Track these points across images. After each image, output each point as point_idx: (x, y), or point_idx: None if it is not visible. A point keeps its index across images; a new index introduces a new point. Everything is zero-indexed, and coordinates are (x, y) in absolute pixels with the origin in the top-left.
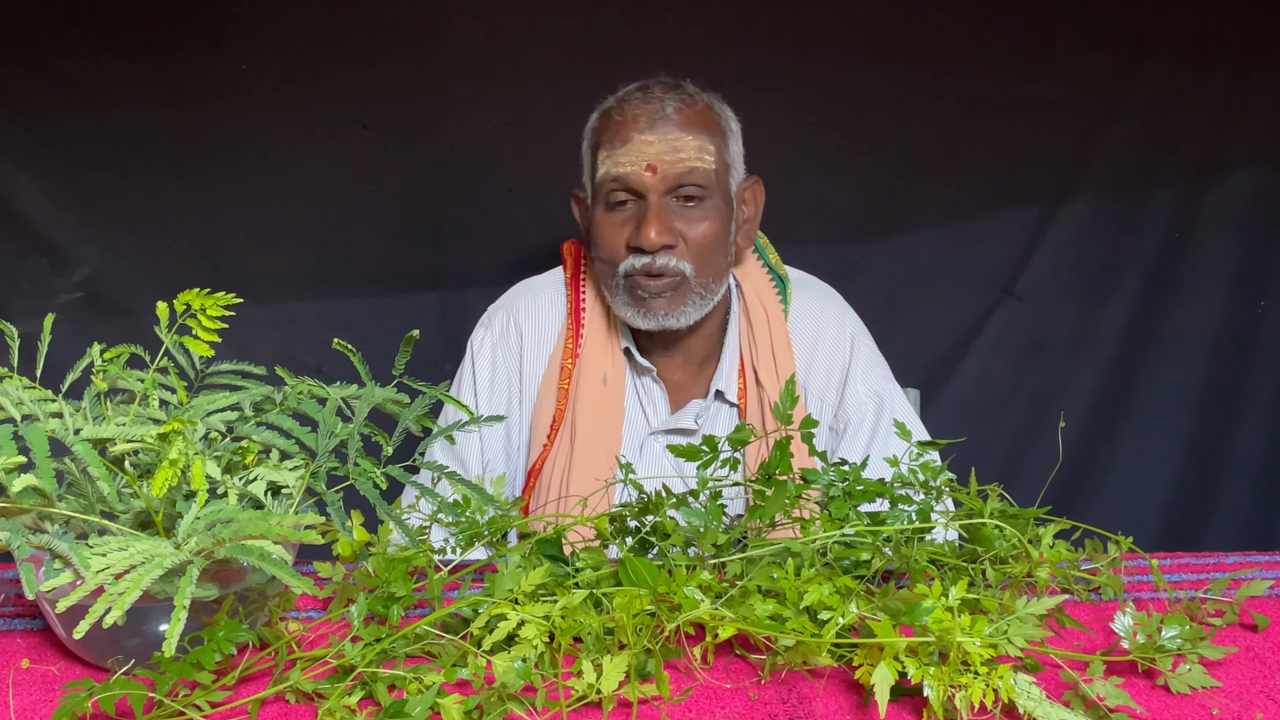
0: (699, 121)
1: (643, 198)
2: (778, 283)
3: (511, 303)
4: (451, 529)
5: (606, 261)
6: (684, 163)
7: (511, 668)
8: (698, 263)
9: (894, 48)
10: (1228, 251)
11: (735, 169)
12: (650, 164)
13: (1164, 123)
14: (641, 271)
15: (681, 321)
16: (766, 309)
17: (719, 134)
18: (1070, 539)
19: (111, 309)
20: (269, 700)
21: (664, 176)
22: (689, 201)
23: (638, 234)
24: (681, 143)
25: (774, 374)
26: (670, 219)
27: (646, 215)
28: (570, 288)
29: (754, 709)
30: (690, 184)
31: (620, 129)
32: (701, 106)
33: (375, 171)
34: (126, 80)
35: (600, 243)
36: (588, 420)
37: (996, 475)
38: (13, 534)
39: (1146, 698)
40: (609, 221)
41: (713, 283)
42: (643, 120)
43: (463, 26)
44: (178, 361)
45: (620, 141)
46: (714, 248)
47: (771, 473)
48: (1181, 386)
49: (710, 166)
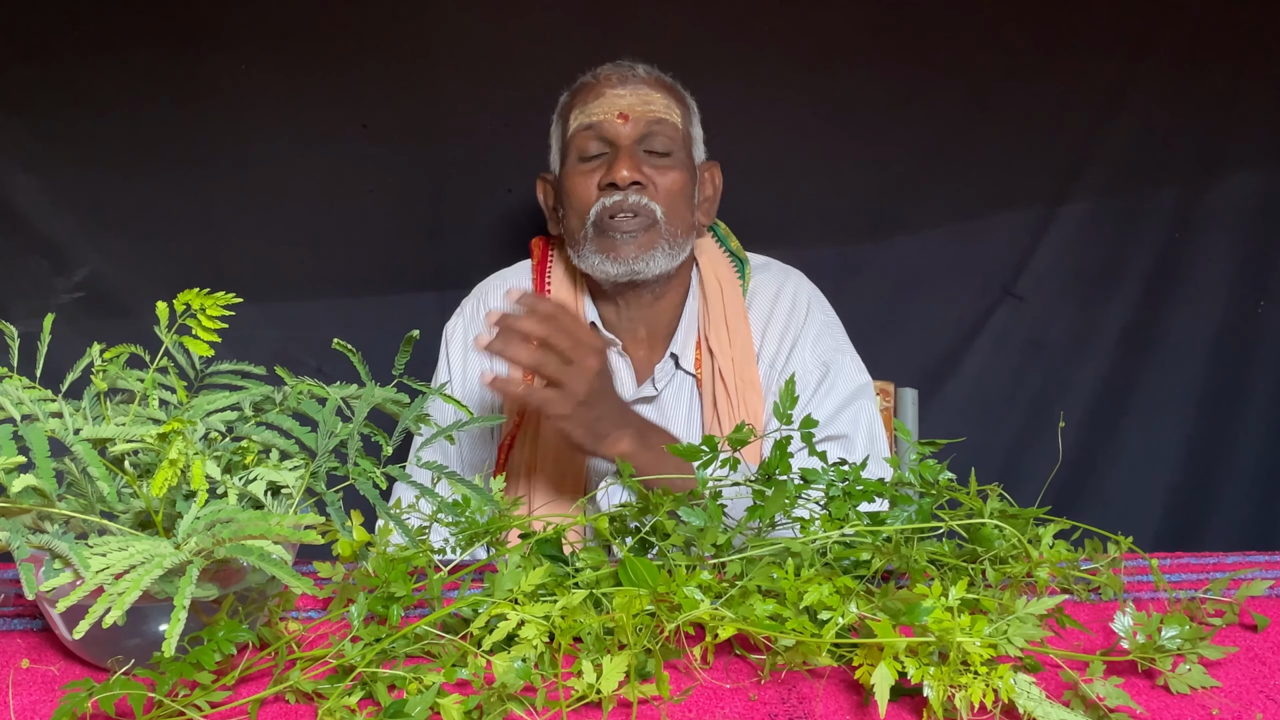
0: (666, 86)
1: (614, 145)
2: (736, 263)
3: (482, 291)
4: (451, 529)
5: (576, 212)
6: (654, 112)
7: (511, 668)
8: (667, 208)
9: (894, 48)
10: (1228, 251)
11: (697, 146)
12: (622, 112)
13: (1164, 123)
14: (614, 209)
15: (649, 267)
16: (721, 281)
17: (683, 105)
18: (1070, 539)
19: (111, 309)
20: (269, 700)
21: (635, 122)
22: (659, 155)
23: (609, 173)
24: (651, 97)
25: (726, 342)
26: (640, 162)
27: (619, 155)
28: (535, 271)
29: (754, 709)
30: (660, 134)
31: (593, 88)
32: (668, 80)
33: (375, 172)
34: (126, 80)
35: (571, 194)
36: None
37: (996, 475)
38: (13, 534)
39: (1146, 698)
40: (579, 172)
41: (680, 235)
42: (615, 78)
43: (462, 27)
44: (177, 361)
45: (593, 97)
46: (681, 198)
47: (771, 472)
48: (1181, 386)
49: (677, 124)
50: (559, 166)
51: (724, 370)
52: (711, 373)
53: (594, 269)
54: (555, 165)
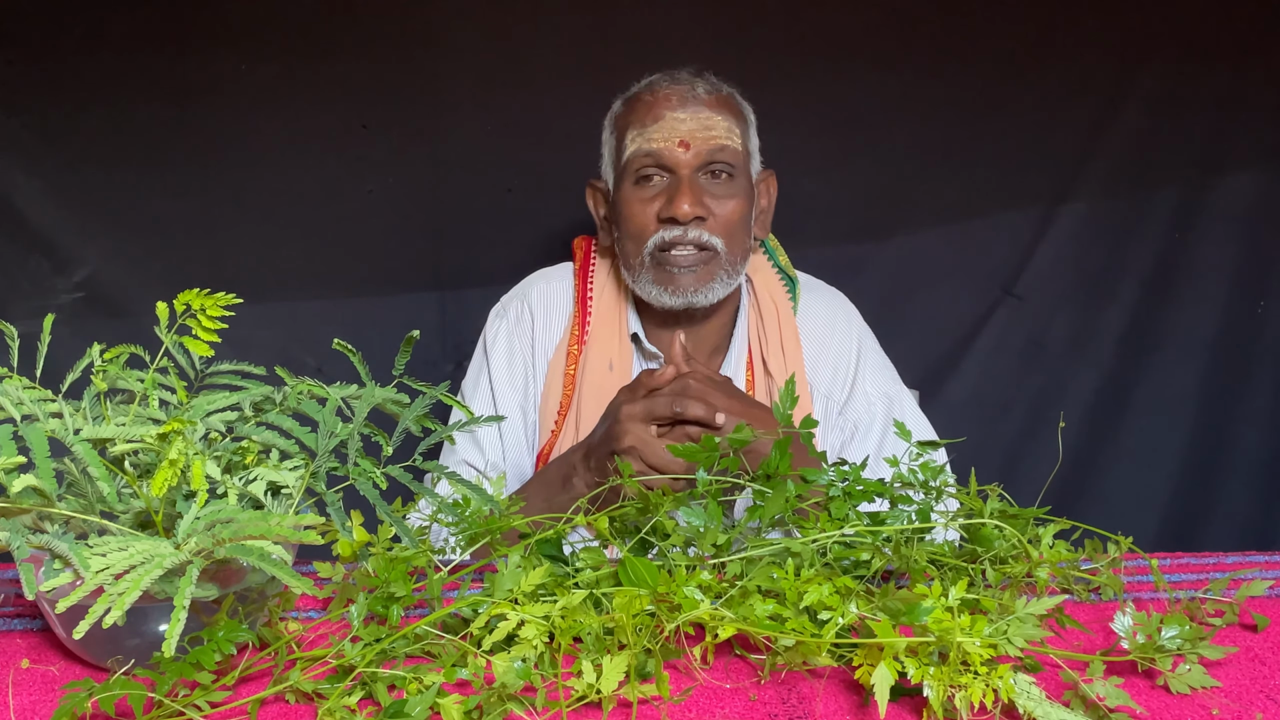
0: (726, 105)
1: (673, 173)
2: (787, 282)
3: (525, 290)
4: (452, 529)
5: (633, 238)
6: (715, 139)
7: (511, 668)
8: (727, 238)
9: (894, 48)
10: (1228, 252)
11: (754, 158)
12: (683, 140)
13: (1164, 123)
14: (672, 243)
15: (708, 298)
16: (776, 303)
17: (743, 120)
18: (1070, 539)
19: (111, 309)
20: (269, 700)
21: (697, 152)
22: (718, 178)
23: (670, 206)
24: (712, 121)
25: (783, 366)
26: (701, 193)
27: (680, 187)
28: (579, 277)
29: (754, 709)
30: (721, 161)
31: (651, 108)
32: (726, 93)
33: (375, 172)
34: (127, 80)
35: (629, 219)
36: (593, 406)
37: (996, 475)
38: (13, 534)
39: (1146, 698)
40: (637, 198)
41: (739, 262)
42: (674, 99)
43: (463, 27)
44: (177, 361)
45: (652, 119)
46: (740, 226)
47: (771, 472)
48: (1181, 386)
49: (738, 147)
50: (612, 181)
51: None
52: (768, 394)
53: (651, 298)
54: (607, 175)
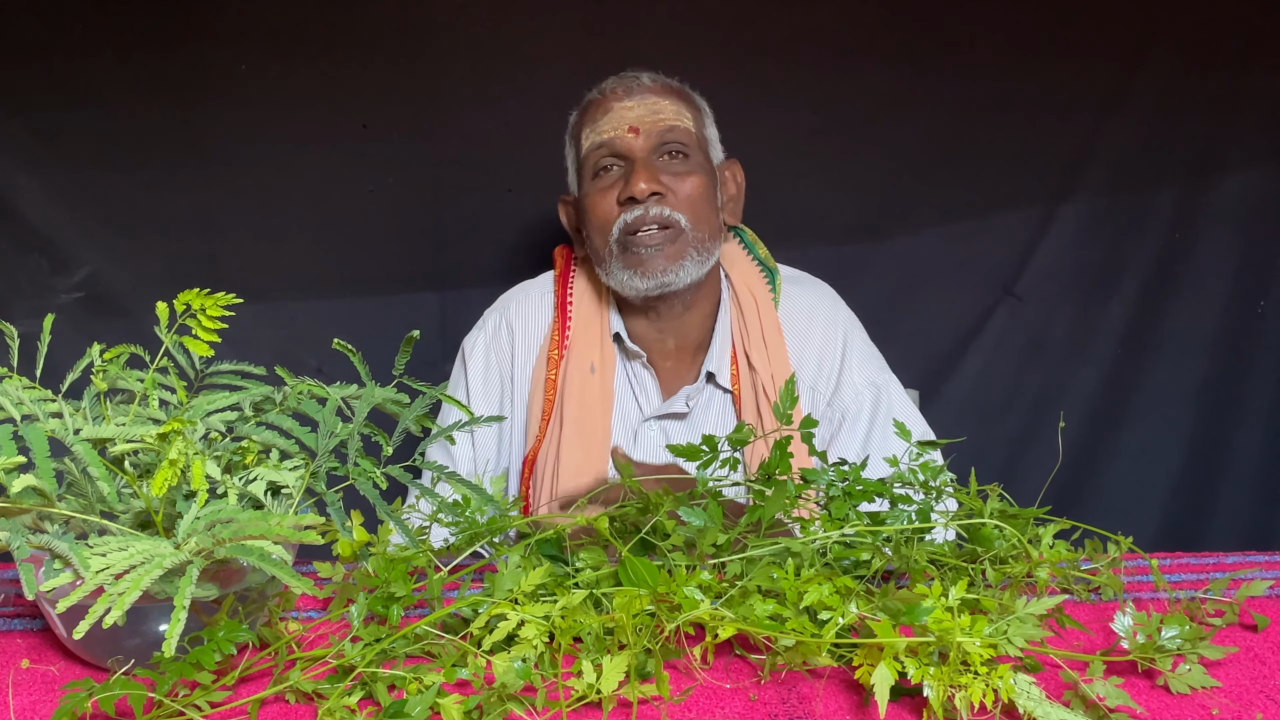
0: (674, 92)
1: (628, 159)
2: (767, 274)
3: (504, 304)
4: (452, 529)
5: (599, 230)
6: (664, 121)
7: (511, 668)
8: (691, 214)
9: (894, 48)
10: (1228, 251)
11: (714, 147)
12: (632, 125)
13: (1164, 123)
14: (636, 225)
15: (680, 278)
16: (755, 295)
17: (694, 108)
18: (1070, 539)
19: (111, 309)
20: (269, 700)
21: (647, 134)
22: (674, 158)
23: (627, 187)
24: (660, 105)
25: (765, 358)
26: (657, 171)
27: (635, 168)
28: (559, 284)
29: (754, 709)
30: (673, 141)
31: (600, 104)
32: (675, 84)
33: (375, 172)
34: (126, 80)
35: (592, 213)
36: (575, 408)
37: (996, 475)
38: (13, 534)
39: (1146, 698)
40: (596, 189)
41: (708, 240)
42: (620, 91)
43: (463, 27)
44: (178, 361)
45: (602, 113)
46: (704, 201)
47: (771, 472)
48: (1181, 387)
49: (690, 127)
50: (577, 187)
51: (767, 387)
52: (753, 388)
53: (623, 286)
54: (574, 187)
